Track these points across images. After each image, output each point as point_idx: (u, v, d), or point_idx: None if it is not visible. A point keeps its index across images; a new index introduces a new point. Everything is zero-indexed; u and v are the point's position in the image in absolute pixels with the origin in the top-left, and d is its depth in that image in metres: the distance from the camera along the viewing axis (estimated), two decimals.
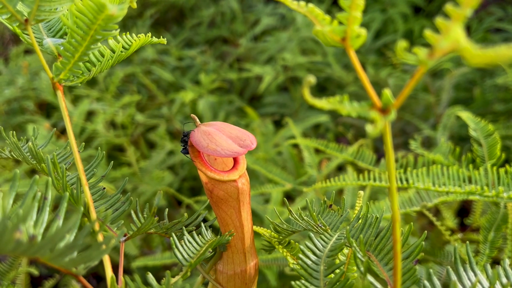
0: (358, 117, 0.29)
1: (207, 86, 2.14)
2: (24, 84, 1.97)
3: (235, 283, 0.49)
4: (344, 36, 0.28)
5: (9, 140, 0.44)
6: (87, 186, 0.42)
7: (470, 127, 0.77)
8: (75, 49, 0.38)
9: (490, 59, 0.21)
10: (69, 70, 0.40)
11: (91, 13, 0.34)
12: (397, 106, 0.27)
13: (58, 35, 0.44)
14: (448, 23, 0.23)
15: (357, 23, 0.27)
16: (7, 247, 0.26)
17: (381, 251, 0.39)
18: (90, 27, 0.35)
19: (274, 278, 1.13)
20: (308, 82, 0.26)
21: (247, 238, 0.49)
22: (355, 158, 0.92)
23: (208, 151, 0.44)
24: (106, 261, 0.40)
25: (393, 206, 0.29)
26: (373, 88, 0.88)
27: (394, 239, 0.29)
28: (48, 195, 0.30)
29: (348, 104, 0.26)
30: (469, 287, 0.35)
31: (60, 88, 0.42)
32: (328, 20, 0.28)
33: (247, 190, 0.48)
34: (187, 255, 0.42)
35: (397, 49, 0.24)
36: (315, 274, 0.39)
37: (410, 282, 0.34)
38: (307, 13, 0.28)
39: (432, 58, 0.24)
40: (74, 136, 1.42)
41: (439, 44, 0.23)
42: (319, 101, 0.25)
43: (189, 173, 1.83)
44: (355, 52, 0.30)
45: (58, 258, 0.29)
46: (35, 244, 0.27)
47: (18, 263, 0.88)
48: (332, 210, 0.49)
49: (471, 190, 0.56)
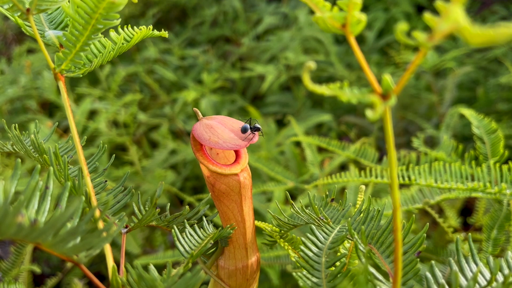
0: (361, 115, 0.28)
1: (209, 86, 2.14)
2: (27, 83, 1.97)
3: (237, 278, 0.49)
4: (344, 22, 0.28)
5: (12, 133, 0.44)
6: (88, 176, 0.42)
7: (473, 125, 0.77)
8: (77, 39, 0.38)
9: (489, 38, 0.21)
10: (71, 60, 0.40)
11: (93, 1, 0.34)
12: (397, 92, 0.27)
13: (59, 27, 0.44)
14: (447, 5, 0.23)
15: (357, 8, 0.27)
16: (9, 231, 0.26)
17: (383, 243, 0.39)
18: (91, 16, 0.35)
19: (276, 277, 1.12)
20: (308, 67, 0.25)
21: (248, 233, 0.49)
22: (357, 156, 0.91)
23: (210, 143, 0.44)
24: (108, 251, 0.40)
25: (393, 194, 0.28)
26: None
27: (395, 227, 0.29)
28: (50, 185, 0.30)
29: (348, 90, 0.26)
30: (471, 277, 0.35)
31: (61, 79, 0.42)
32: (328, 7, 0.28)
33: (249, 184, 0.48)
34: (188, 248, 0.42)
35: (397, 32, 0.24)
36: (316, 265, 0.39)
37: (412, 274, 0.34)
38: (307, 1, 0.28)
39: (432, 41, 0.24)
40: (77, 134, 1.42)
41: (439, 26, 0.23)
42: (319, 87, 0.25)
43: (191, 173, 1.83)
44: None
45: (60, 244, 0.29)
46: (36, 229, 0.27)
47: (21, 261, 0.88)
48: (333, 205, 0.49)
49: (473, 187, 0.56)
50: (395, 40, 2.49)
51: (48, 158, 0.41)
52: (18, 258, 0.89)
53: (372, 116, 0.24)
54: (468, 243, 0.37)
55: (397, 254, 0.30)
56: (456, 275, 0.33)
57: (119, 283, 0.36)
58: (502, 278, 0.35)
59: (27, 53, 2.42)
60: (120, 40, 0.44)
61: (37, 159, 0.43)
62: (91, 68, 0.43)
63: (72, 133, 0.42)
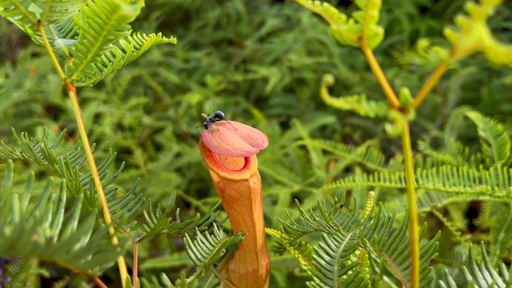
0: (365, 117, 0.29)
1: (213, 88, 2.14)
2: (32, 87, 1.98)
3: (247, 282, 0.49)
4: (360, 35, 0.28)
5: (21, 141, 0.44)
6: (100, 187, 0.42)
7: (479, 127, 0.77)
8: (88, 50, 0.38)
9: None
10: (82, 70, 0.40)
11: (104, 13, 0.34)
12: (415, 106, 0.27)
13: (69, 36, 0.44)
14: (469, 22, 0.23)
15: (374, 22, 0.27)
16: (25, 249, 0.26)
17: (395, 251, 0.39)
18: (103, 28, 0.36)
19: (283, 280, 1.13)
20: (326, 82, 0.26)
21: (259, 237, 0.49)
22: (363, 159, 0.92)
23: (220, 150, 0.44)
24: (121, 263, 0.40)
25: (410, 206, 0.29)
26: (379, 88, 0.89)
27: (412, 239, 0.29)
28: (63, 197, 0.30)
29: (365, 104, 0.26)
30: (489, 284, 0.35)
31: (72, 89, 0.42)
32: (344, 19, 0.28)
33: (259, 189, 0.48)
34: (200, 255, 0.42)
35: (418, 48, 0.24)
36: (329, 274, 0.39)
37: (425, 282, 0.34)
38: (322, 12, 0.29)
39: (453, 57, 0.24)
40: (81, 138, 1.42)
41: (461, 42, 0.23)
42: (337, 101, 0.26)
43: (196, 175, 1.83)
44: (359, 52, 0.30)
45: (75, 260, 0.29)
46: (52, 246, 0.27)
47: (29, 265, 0.88)
48: (343, 211, 0.49)
49: (481, 191, 0.56)
50: (399, 41, 2.49)
51: (59, 168, 0.41)
52: (26, 262, 0.89)
53: (392, 131, 0.24)
54: (481, 251, 0.37)
55: (414, 266, 0.30)
56: (472, 285, 0.33)
57: None
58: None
59: (31, 57, 2.43)
60: (130, 48, 0.45)
61: (46, 167, 0.44)
62: (102, 77, 0.43)
63: (82, 141, 0.42)
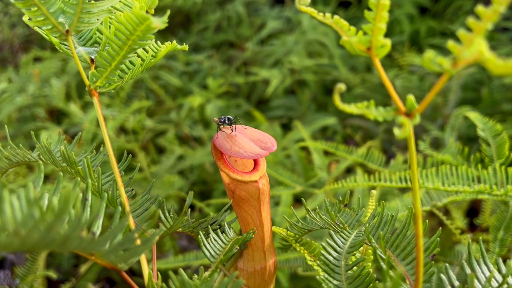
0: (366, 118, 0.30)
1: (214, 91, 2.16)
2: (35, 91, 2.00)
3: (255, 280, 0.51)
4: (369, 46, 0.30)
5: (39, 144, 0.46)
6: (122, 187, 0.44)
7: (479, 127, 0.78)
8: (112, 58, 0.40)
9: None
10: (106, 77, 0.42)
11: (131, 24, 0.36)
12: (420, 111, 0.29)
13: (88, 44, 0.46)
14: (470, 35, 0.24)
15: (382, 33, 0.29)
16: (73, 244, 0.28)
17: (398, 247, 0.41)
18: (129, 38, 0.38)
19: (286, 280, 1.14)
20: (339, 89, 0.27)
21: (266, 237, 0.51)
22: (364, 159, 0.93)
23: (232, 153, 0.46)
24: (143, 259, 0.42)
25: (415, 203, 0.30)
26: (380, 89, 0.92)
27: (417, 234, 0.31)
28: (89, 197, 0.32)
29: (374, 109, 0.28)
30: (484, 281, 0.36)
31: (96, 95, 0.45)
32: (354, 31, 0.30)
33: (267, 190, 0.50)
34: (214, 252, 0.45)
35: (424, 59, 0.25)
36: (337, 269, 0.42)
37: (427, 276, 0.36)
38: (332, 24, 0.30)
39: (456, 68, 0.26)
40: (86, 142, 1.43)
41: (462, 54, 0.25)
42: (349, 106, 0.27)
43: (198, 178, 1.84)
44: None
45: (109, 254, 0.31)
46: (93, 241, 0.30)
47: (36, 267, 0.90)
48: (347, 210, 0.51)
49: (480, 189, 0.57)
50: (399, 42, 2.50)
51: (82, 170, 0.43)
52: (34, 265, 0.91)
53: (400, 134, 0.26)
54: (479, 246, 0.39)
55: (418, 260, 0.32)
56: (472, 278, 0.34)
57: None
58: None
59: (34, 61, 2.45)
60: (148, 57, 0.47)
61: (65, 169, 0.45)
62: (122, 83, 0.45)
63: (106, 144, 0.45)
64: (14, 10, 2.92)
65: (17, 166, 0.48)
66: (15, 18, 2.95)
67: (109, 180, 0.49)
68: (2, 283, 0.88)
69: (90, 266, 1.29)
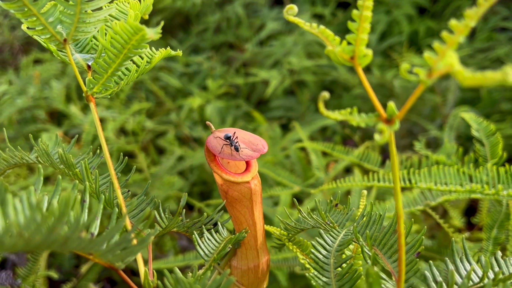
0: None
1: (214, 92, 2.17)
2: (35, 93, 2.01)
3: (249, 277, 0.53)
4: (352, 55, 0.31)
5: (37, 146, 0.48)
6: (119, 189, 0.45)
7: (473, 127, 0.79)
8: (109, 66, 0.42)
9: (479, 82, 0.24)
10: (102, 84, 0.43)
11: (127, 34, 0.38)
12: (400, 117, 0.30)
13: (85, 50, 0.48)
14: (443, 48, 0.26)
15: (364, 44, 0.30)
16: (73, 244, 0.30)
17: (385, 245, 0.43)
18: (124, 46, 0.39)
19: (284, 279, 1.15)
20: (323, 97, 0.28)
21: (259, 236, 0.53)
22: (361, 160, 0.94)
23: (224, 155, 0.48)
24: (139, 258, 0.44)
25: (397, 204, 0.32)
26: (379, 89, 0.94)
27: (399, 233, 0.32)
28: (87, 198, 0.33)
29: (357, 115, 0.29)
30: (465, 276, 0.38)
31: (93, 101, 0.46)
32: (338, 41, 0.31)
33: (259, 190, 0.51)
34: (207, 251, 0.47)
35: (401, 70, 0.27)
36: (326, 267, 0.43)
37: (412, 273, 0.38)
38: (318, 34, 0.31)
39: (430, 78, 0.27)
40: (86, 144, 1.44)
41: (436, 65, 0.26)
42: (332, 113, 0.28)
43: (198, 178, 1.86)
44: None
45: (107, 253, 0.33)
46: (93, 241, 0.31)
47: (37, 268, 0.91)
48: (338, 209, 0.52)
49: (471, 189, 0.58)
50: (398, 43, 2.51)
51: (79, 172, 0.45)
52: (35, 265, 0.92)
53: (379, 140, 0.27)
54: (462, 243, 0.40)
55: (400, 257, 0.33)
56: (452, 273, 0.36)
57: (151, 286, 0.40)
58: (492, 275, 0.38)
59: (34, 64, 2.46)
60: (143, 63, 0.48)
61: (62, 171, 0.47)
62: (118, 89, 0.47)
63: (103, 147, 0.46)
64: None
65: (15, 168, 0.49)
66: (15, 20, 2.97)
67: (106, 182, 0.51)
68: (4, 283, 0.89)
69: (90, 266, 1.31)
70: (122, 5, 0.46)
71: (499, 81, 0.23)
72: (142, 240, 0.32)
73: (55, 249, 0.29)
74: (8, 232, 0.25)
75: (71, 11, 0.41)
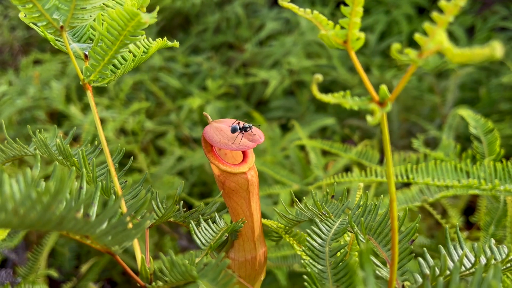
0: (365, 118, 0.32)
1: (214, 92, 2.17)
2: (35, 94, 2.01)
3: (246, 269, 0.53)
4: (345, 39, 0.31)
5: (36, 138, 0.48)
6: (116, 177, 0.46)
7: (470, 125, 0.79)
8: (105, 53, 0.42)
9: (467, 58, 0.24)
10: (99, 72, 0.44)
11: (123, 20, 0.38)
12: (392, 99, 0.30)
13: (82, 40, 0.48)
14: (434, 28, 0.26)
15: (357, 27, 0.31)
16: (69, 225, 0.30)
17: (380, 234, 0.43)
18: (120, 33, 0.40)
19: (284, 278, 1.15)
20: (316, 79, 0.29)
21: (256, 227, 0.53)
22: (359, 157, 0.94)
23: (221, 145, 0.48)
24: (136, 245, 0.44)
25: (390, 187, 0.32)
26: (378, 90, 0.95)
27: (391, 217, 0.33)
28: (84, 185, 0.34)
29: (350, 99, 0.30)
30: (457, 260, 0.38)
31: (89, 89, 0.47)
32: (332, 25, 0.32)
33: (256, 181, 0.52)
34: (204, 240, 0.47)
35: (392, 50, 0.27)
36: (321, 255, 0.44)
37: (406, 260, 0.39)
38: (312, 19, 0.32)
39: (421, 58, 0.27)
40: (86, 143, 1.44)
41: (426, 45, 0.26)
42: (326, 96, 0.29)
43: (198, 178, 1.86)
44: (358, 53, 0.33)
45: (103, 236, 0.33)
46: (88, 223, 0.31)
47: (37, 267, 0.91)
48: (334, 201, 0.53)
49: (468, 184, 0.58)
50: (397, 42, 2.51)
51: (77, 161, 0.45)
52: (35, 264, 0.92)
53: (372, 121, 0.28)
54: (456, 231, 0.41)
55: (393, 241, 0.34)
56: (444, 257, 0.36)
57: (148, 272, 0.40)
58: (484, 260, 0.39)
59: (34, 64, 2.47)
60: (140, 53, 0.49)
61: (60, 162, 0.47)
62: (114, 78, 0.47)
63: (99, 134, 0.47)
64: (14, 13, 2.94)
65: (13, 160, 0.50)
66: (15, 21, 2.97)
67: (104, 173, 0.51)
68: (5, 281, 0.90)
69: (90, 267, 1.31)
70: None
71: (487, 57, 0.23)
72: (138, 224, 0.32)
73: (51, 229, 0.29)
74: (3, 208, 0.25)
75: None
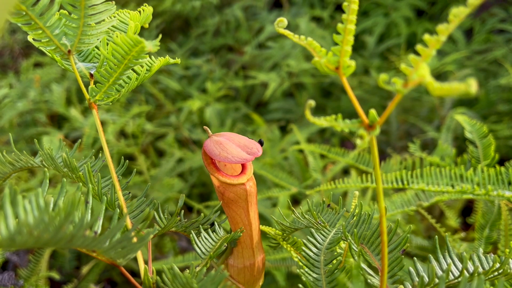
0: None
1: (213, 94, 2.18)
2: (36, 96, 2.02)
3: (245, 275, 0.55)
4: (337, 65, 0.33)
5: (42, 151, 0.50)
6: (120, 191, 0.47)
7: (466, 129, 0.81)
8: (110, 75, 0.44)
9: (446, 92, 0.26)
10: (104, 92, 0.46)
11: (127, 46, 0.40)
12: (381, 123, 0.32)
13: (87, 60, 0.50)
14: (418, 60, 0.28)
15: (348, 55, 0.32)
16: (78, 242, 0.32)
17: (373, 243, 0.45)
18: (124, 57, 0.41)
19: (282, 279, 1.16)
20: (309, 105, 0.30)
21: (255, 235, 0.55)
22: (356, 162, 0.96)
23: (220, 158, 0.50)
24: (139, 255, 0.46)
25: (379, 204, 0.33)
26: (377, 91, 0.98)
27: (381, 231, 0.34)
28: (90, 200, 0.35)
29: (341, 122, 0.31)
30: (445, 270, 0.40)
31: (95, 108, 0.48)
32: (324, 52, 0.34)
33: (254, 192, 0.54)
34: (204, 250, 0.49)
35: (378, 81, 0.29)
36: (316, 264, 0.45)
37: (397, 269, 0.40)
38: (306, 46, 0.34)
39: (406, 87, 0.29)
40: (86, 147, 1.45)
41: (411, 76, 0.28)
42: (318, 119, 0.31)
43: (198, 180, 1.87)
44: (357, 56, 0.35)
45: (109, 250, 0.35)
46: (96, 239, 0.33)
47: (39, 269, 0.92)
48: (330, 209, 0.54)
49: (462, 189, 0.60)
50: (396, 45, 2.53)
51: (83, 175, 0.47)
52: (37, 266, 0.94)
53: (360, 145, 0.29)
54: (445, 240, 0.42)
55: (383, 252, 0.35)
56: (432, 268, 0.38)
57: (151, 282, 0.42)
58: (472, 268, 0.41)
59: (34, 67, 2.48)
60: (143, 71, 0.51)
61: (66, 174, 0.49)
62: (119, 96, 0.49)
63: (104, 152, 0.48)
64: None
65: (20, 171, 0.51)
66: (15, 24, 2.98)
67: (108, 184, 0.53)
68: (7, 283, 0.91)
69: (91, 268, 1.32)
70: (123, 15, 0.48)
71: (463, 92, 0.25)
72: (141, 238, 0.34)
73: (62, 246, 0.31)
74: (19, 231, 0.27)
75: (75, 25, 0.43)
